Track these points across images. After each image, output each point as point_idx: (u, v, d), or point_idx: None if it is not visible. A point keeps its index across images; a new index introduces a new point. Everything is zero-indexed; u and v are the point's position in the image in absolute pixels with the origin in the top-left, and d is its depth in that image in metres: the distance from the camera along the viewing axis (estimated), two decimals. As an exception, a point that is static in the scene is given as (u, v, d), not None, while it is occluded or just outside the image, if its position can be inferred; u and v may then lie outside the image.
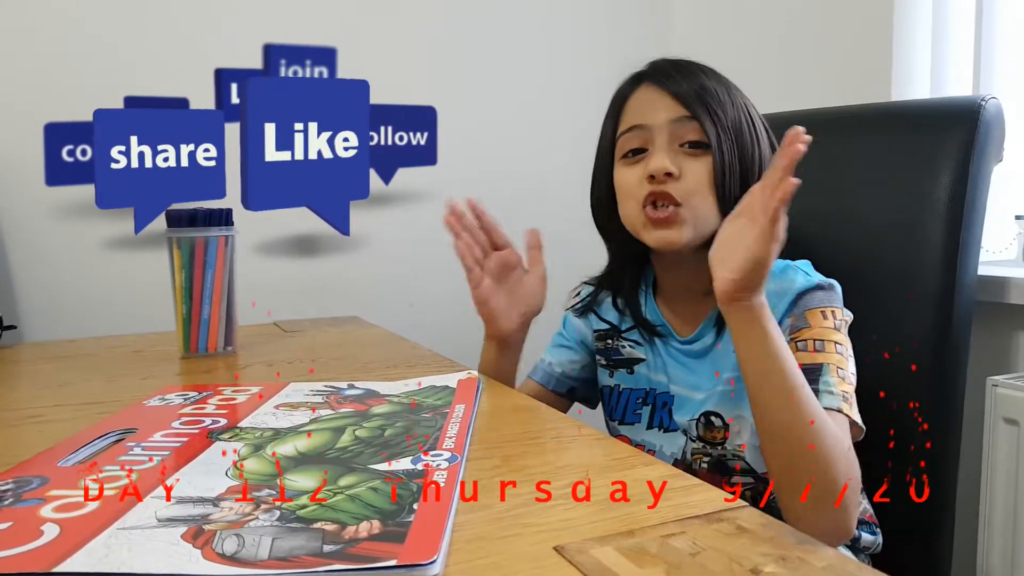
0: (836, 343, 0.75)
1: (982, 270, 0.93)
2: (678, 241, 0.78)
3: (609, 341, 0.92)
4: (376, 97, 1.40)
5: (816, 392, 0.70)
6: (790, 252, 0.84)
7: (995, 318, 1.03)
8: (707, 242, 0.76)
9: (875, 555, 0.84)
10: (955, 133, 0.88)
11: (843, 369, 0.74)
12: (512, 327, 0.87)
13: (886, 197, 0.92)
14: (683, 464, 0.85)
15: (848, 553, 0.81)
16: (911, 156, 0.91)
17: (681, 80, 0.80)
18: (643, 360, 0.89)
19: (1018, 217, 1.12)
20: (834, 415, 0.70)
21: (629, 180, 0.81)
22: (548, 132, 1.54)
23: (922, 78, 1.20)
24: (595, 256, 0.93)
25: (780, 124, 1.08)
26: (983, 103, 0.87)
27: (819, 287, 0.78)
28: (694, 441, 0.84)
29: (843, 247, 0.94)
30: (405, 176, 1.45)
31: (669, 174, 0.77)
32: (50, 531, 0.40)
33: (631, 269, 0.89)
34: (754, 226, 0.67)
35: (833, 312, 0.77)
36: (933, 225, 0.87)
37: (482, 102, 1.50)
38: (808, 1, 1.35)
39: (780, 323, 0.76)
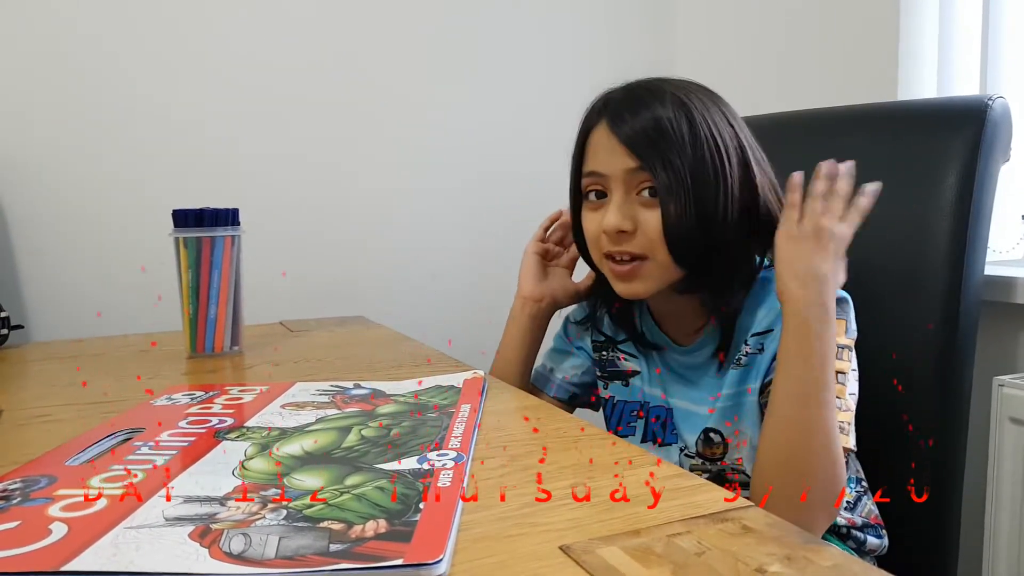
0: (837, 372, 0.73)
1: (989, 270, 0.92)
2: (642, 294, 0.78)
3: (604, 353, 0.91)
4: (376, 96, 1.41)
5: None
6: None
7: (1002, 318, 1.03)
8: (681, 279, 0.77)
9: (881, 556, 0.84)
10: (962, 133, 0.87)
11: (840, 399, 0.73)
12: (540, 293, 0.94)
13: (892, 197, 0.92)
14: None
15: (842, 549, 0.81)
16: (917, 156, 0.91)
17: (633, 123, 0.76)
18: (638, 372, 0.88)
19: (1025, 217, 1.11)
20: None
21: (591, 228, 0.80)
22: (548, 132, 1.53)
23: (928, 77, 1.20)
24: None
25: (786, 124, 1.08)
26: (990, 102, 0.87)
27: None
28: (692, 458, 0.83)
29: (849, 247, 0.94)
30: (408, 177, 1.45)
31: (623, 231, 0.76)
32: (58, 530, 0.40)
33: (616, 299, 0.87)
34: (808, 242, 0.70)
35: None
36: (940, 225, 0.87)
37: (482, 102, 1.50)
38: (812, 0, 1.35)
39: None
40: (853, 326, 0.78)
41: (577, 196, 0.84)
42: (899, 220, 0.90)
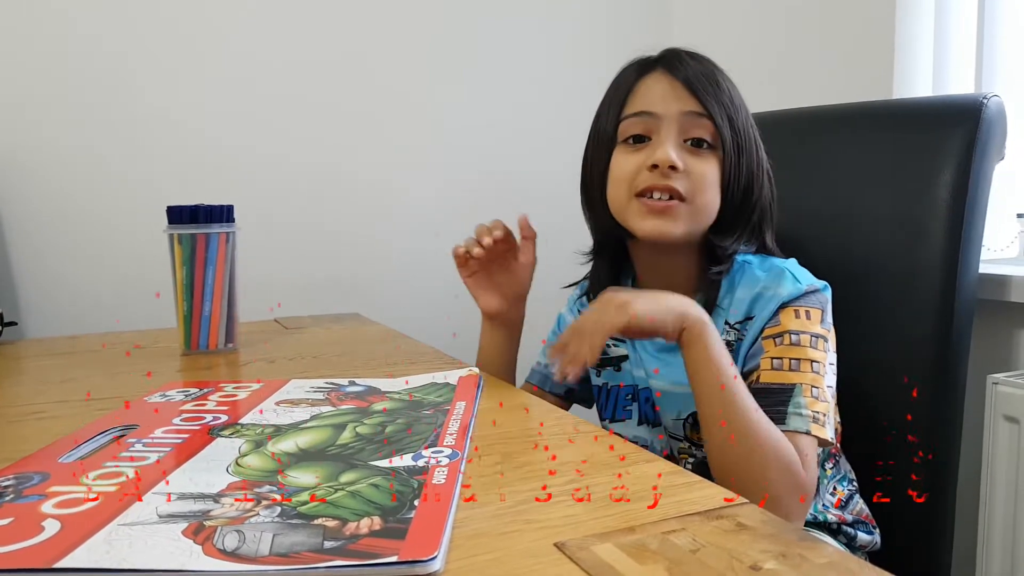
0: (812, 361, 0.73)
1: (983, 268, 0.93)
2: (671, 233, 0.76)
3: None
4: (374, 94, 1.41)
5: (784, 414, 0.70)
6: (791, 247, 0.84)
7: (996, 316, 1.03)
8: (691, 239, 0.77)
9: (874, 553, 0.84)
10: (957, 131, 0.88)
11: (817, 388, 0.72)
12: (496, 306, 0.90)
13: (887, 195, 0.92)
14: (672, 461, 0.85)
15: (834, 544, 0.81)
16: (913, 154, 0.91)
17: (698, 72, 0.77)
18: (627, 357, 0.88)
19: (1020, 215, 1.12)
20: (800, 437, 0.69)
21: (626, 167, 0.78)
22: (548, 132, 1.53)
23: (924, 76, 1.20)
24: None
25: (783, 122, 1.08)
26: (985, 101, 0.87)
27: (806, 293, 0.76)
28: (681, 441, 0.84)
29: (844, 245, 0.94)
30: (406, 176, 1.45)
31: (674, 168, 0.74)
32: (51, 527, 0.40)
33: (608, 264, 0.88)
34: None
35: (809, 313, 0.76)
36: (934, 223, 0.87)
37: (482, 102, 1.49)
38: (810, -2, 1.35)
39: (762, 329, 0.76)
40: (829, 318, 0.78)
41: (601, 144, 0.81)
42: (894, 218, 0.91)
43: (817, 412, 0.71)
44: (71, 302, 1.24)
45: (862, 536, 0.83)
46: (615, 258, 0.87)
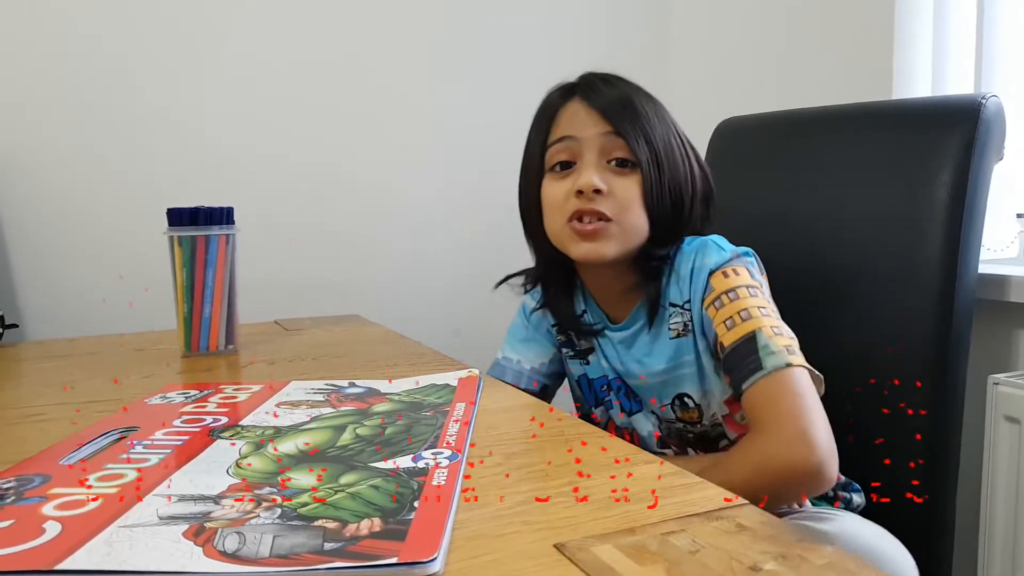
0: (758, 307, 0.76)
1: (983, 268, 0.93)
2: (604, 255, 0.80)
3: (569, 333, 0.93)
4: (374, 94, 1.41)
5: (759, 358, 0.72)
6: (791, 248, 0.84)
7: (996, 316, 1.03)
8: (626, 256, 0.80)
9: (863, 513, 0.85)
10: (956, 131, 0.88)
11: (776, 327, 0.75)
12: None
13: (887, 195, 0.92)
14: (669, 440, 0.87)
15: (845, 511, 0.83)
16: (912, 154, 0.91)
17: (608, 95, 0.81)
18: (592, 350, 0.91)
19: (1019, 215, 1.12)
20: (786, 372, 0.71)
21: (556, 194, 0.82)
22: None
23: (923, 76, 1.20)
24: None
25: (782, 123, 1.08)
26: (984, 101, 0.87)
27: (730, 258, 0.80)
28: (674, 422, 0.86)
29: (843, 244, 0.94)
30: (407, 176, 1.45)
31: (598, 191, 0.78)
32: (52, 529, 0.40)
33: (558, 276, 0.90)
34: None
35: (735, 271, 0.79)
36: (934, 223, 0.87)
37: (482, 102, 1.49)
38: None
39: (702, 299, 0.80)
40: (757, 273, 0.81)
41: (531, 174, 0.86)
42: (893, 218, 0.91)
43: (787, 346, 0.73)
44: (71, 304, 1.24)
45: (855, 498, 0.86)
46: (566, 274, 0.90)
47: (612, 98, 0.81)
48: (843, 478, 0.86)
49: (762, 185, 1.07)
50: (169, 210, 0.92)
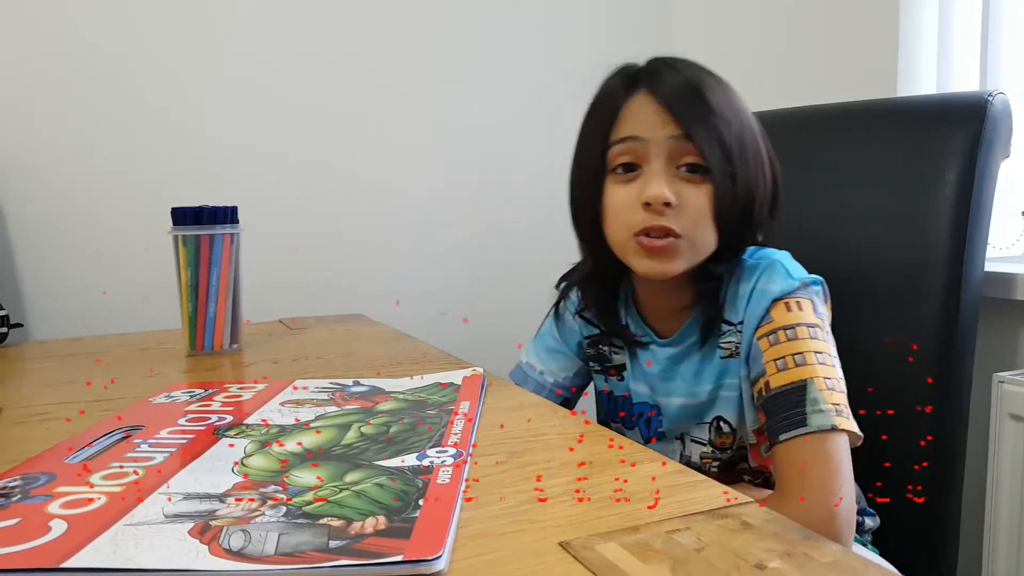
0: (816, 352, 0.71)
1: (989, 266, 0.92)
2: (671, 272, 0.74)
3: (600, 346, 0.89)
4: (376, 94, 1.41)
5: (804, 415, 0.68)
6: (794, 245, 0.84)
7: (1001, 314, 1.03)
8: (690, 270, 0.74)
9: (882, 548, 0.84)
10: (962, 129, 0.87)
11: (829, 379, 0.70)
12: None
13: (892, 193, 0.92)
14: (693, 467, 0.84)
15: (858, 544, 0.81)
16: (917, 152, 0.91)
17: (676, 87, 0.73)
18: (625, 367, 0.87)
19: (1025, 213, 1.11)
20: (829, 435, 0.67)
21: (622, 201, 0.74)
22: (548, 132, 1.53)
23: (928, 73, 1.20)
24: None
25: (785, 121, 1.08)
26: (990, 98, 0.87)
27: (798, 287, 0.74)
28: (705, 446, 0.82)
29: (849, 243, 0.94)
30: (409, 176, 1.45)
31: (668, 204, 0.71)
32: (58, 527, 0.40)
33: (607, 281, 0.85)
34: None
35: (799, 304, 0.73)
36: (940, 221, 0.87)
37: (482, 102, 1.49)
38: (813, -3, 1.35)
39: (757, 326, 0.74)
40: (821, 308, 0.75)
41: (588, 175, 0.77)
42: (899, 217, 0.90)
43: (837, 404, 0.69)
44: (76, 304, 1.24)
45: (867, 521, 0.83)
46: (614, 280, 0.85)
47: (680, 91, 0.73)
48: (859, 504, 0.83)
49: (766, 183, 1.06)
50: (173, 209, 0.92)
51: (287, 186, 1.36)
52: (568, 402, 0.92)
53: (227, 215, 0.93)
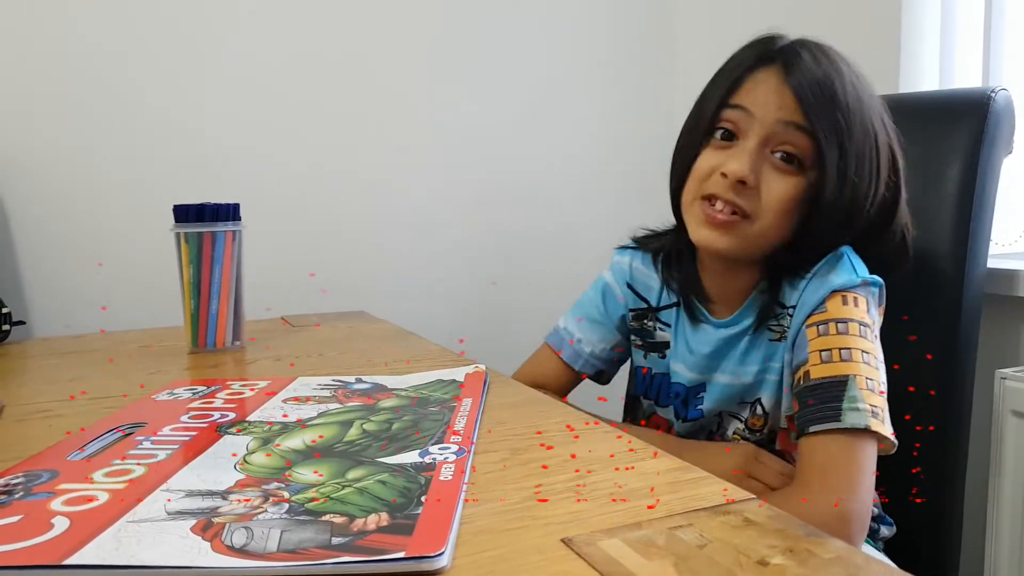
0: (863, 351, 0.69)
1: (991, 263, 0.92)
2: (721, 247, 0.73)
3: (646, 321, 0.87)
4: (377, 93, 1.41)
5: (839, 410, 0.66)
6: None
7: (1004, 311, 1.03)
8: (747, 256, 0.73)
9: (887, 540, 0.84)
10: (964, 125, 0.87)
11: (872, 380, 0.68)
12: None
13: (894, 190, 0.92)
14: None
15: (871, 547, 0.81)
16: (920, 148, 0.91)
17: (813, 80, 0.70)
18: (669, 345, 0.85)
19: (1028, 209, 1.11)
20: (860, 436, 0.66)
21: (707, 164, 0.74)
22: (548, 132, 1.53)
23: (931, 70, 1.19)
24: (597, 257, 0.92)
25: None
26: (993, 95, 0.87)
27: (860, 284, 0.73)
28: (742, 423, 0.81)
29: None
30: (411, 176, 1.45)
31: (743, 182, 0.70)
32: (60, 524, 0.41)
33: (685, 243, 0.82)
34: None
35: (856, 300, 0.72)
36: (942, 217, 0.87)
37: (482, 102, 1.49)
38: (815, -7, 1.35)
39: (810, 314, 0.72)
40: (875, 311, 0.74)
41: (695, 133, 0.76)
42: (901, 213, 0.90)
43: (875, 407, 0.67)
44: (78, 301, 1.24)
45: (883, 529, 0.83)
46: (687, 249, 0.83)
47: (812, 80, 0.70)
48: (876, 510, 0.82)
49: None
50: (175, 207, 0.92)
51: (287, 186, 1.36)
52: (602, 375, 0.91)
53: (229, 212, 0.93)
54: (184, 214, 0.92)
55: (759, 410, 0.80)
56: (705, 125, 0.75)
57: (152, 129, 1.27)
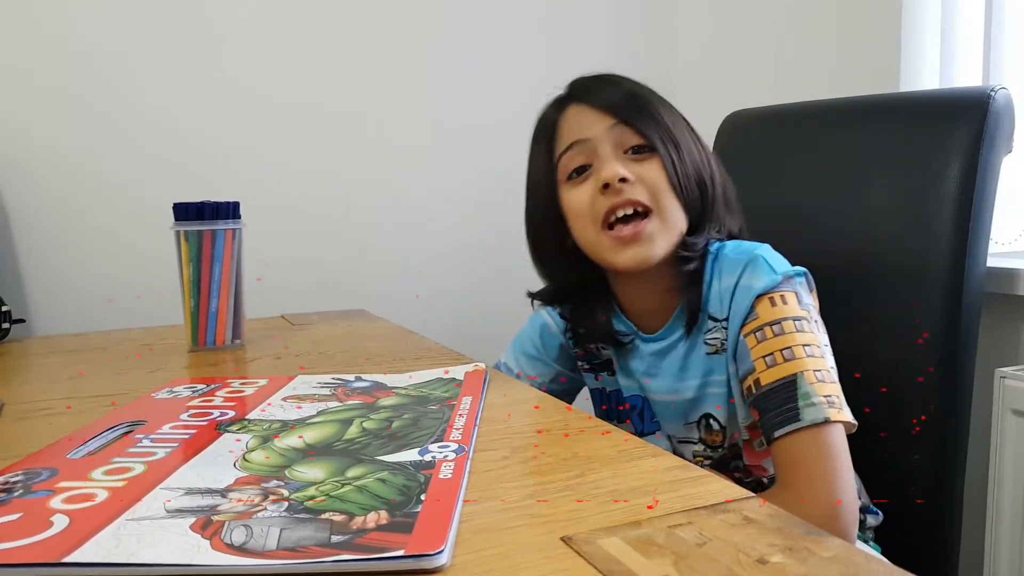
0: (804, 345, 0.71)
1: (991, 262, 0.92)
2: (652, 257, 0.75)
3: (588, 345, 0.89)
4: (377, 93, 1.41)
5: (796, 409, 0.68)
6: (797, 241, 0.84)
7: (1004, 310, 1.03)
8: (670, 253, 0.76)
9: (884, 547, 0.84)
10: (964, 124, 0.87)
11: (819, 370, 0.70)
12: None
13: (895, 188, 0.92)
14: None
15: (858, 539, 0.81)
16: (919, 147, 0.91)
17: (606, 91, 0.78)
18: (612, 362, 0.88)
19: (1027, 209, 1.11)
20: (824, 425, 0.67)
21: (582, 200, 0.77)
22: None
23: (931, 68, 1.19)
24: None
25: (788, 117, 1.08)
26: (993, 93, 0.87)
27: (781, 281, 0.74)
28: (695, 443, 0.83)
29: (851, 239, 0.94)
30: (410, 176, 1.45)
31: (624, 179, 0.73)
32: (59, 522, 0.41)
33: (590, 298, 0.84)
34: None
35: (784, 298, 0.73)
36: (942, 216, 0.87)
37: (482, 102, 1.49)
38: (816, -8, 1.35)
39: (743, 323, 0.74)
40: (807, 298, 0.76)
41: (542, 192, 0.81)
42: (901, 212, 0.90)
43: (829, 396, 0.69)
44: (78, 300, 1.24)
45: (869, 519, 0.83)
46: (595, 286, 0.84)
47: (607, 89, 0.79)
48: (861, 500, 0.82)
49: (769, 178, 1.06)
50: (175, 205, 0.92)
51: (287, 186, 1.36)
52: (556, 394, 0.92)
53: (229, 210, 0.93)
54: (184, 212, 0.92)
55: (715, 425, 0.81)
56: (546, 180, 0.80)
57: (152, 129, 1.27)
